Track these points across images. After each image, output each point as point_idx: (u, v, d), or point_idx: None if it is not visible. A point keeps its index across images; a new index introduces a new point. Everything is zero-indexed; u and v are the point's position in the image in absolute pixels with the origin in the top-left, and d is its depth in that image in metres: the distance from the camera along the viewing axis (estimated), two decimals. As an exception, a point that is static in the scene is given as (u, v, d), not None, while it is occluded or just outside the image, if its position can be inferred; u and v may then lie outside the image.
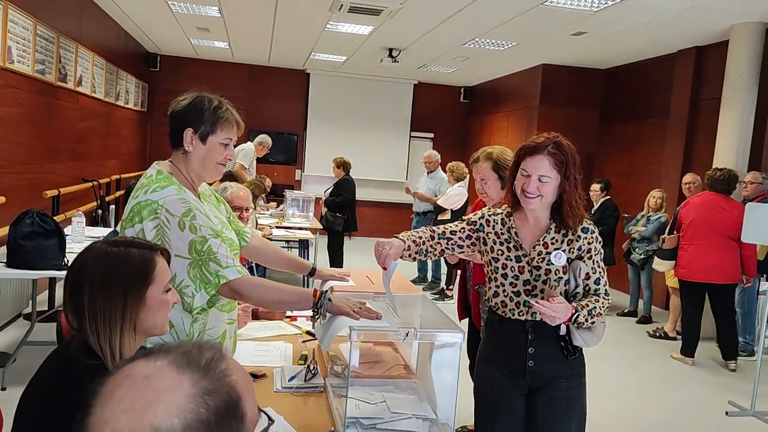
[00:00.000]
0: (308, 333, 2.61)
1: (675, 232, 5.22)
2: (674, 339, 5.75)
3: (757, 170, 5.53)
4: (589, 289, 2.03)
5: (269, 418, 0.87)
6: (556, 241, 2.03)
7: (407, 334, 1.67)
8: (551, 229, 2.04)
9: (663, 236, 5.46)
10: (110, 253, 1.39)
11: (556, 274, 2.00)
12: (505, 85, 10.07)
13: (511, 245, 2.05)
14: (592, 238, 2.03)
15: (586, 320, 1.94)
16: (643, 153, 7.78)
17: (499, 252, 2.06)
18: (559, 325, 1.94)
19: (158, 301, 1.41)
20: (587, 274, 2.01)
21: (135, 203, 1.76)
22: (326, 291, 1.83)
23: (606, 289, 2.05)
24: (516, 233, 2.05)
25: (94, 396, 0.70)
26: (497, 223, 2.10)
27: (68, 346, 1.39)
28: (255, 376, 2.08)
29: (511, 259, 2.04)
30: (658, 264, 5.58)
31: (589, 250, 2.02)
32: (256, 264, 3.41)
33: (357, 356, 1.84)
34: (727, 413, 4.11)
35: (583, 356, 2.12)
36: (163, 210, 1.72)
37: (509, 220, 2.09)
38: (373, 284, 2.44)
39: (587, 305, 1.95)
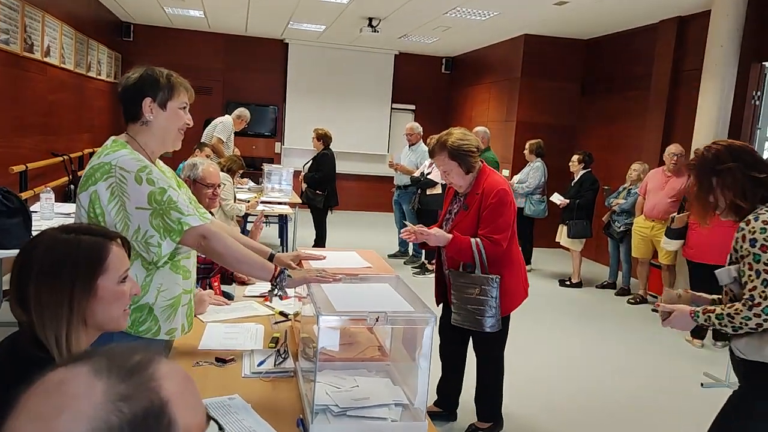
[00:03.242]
0: (281, 314, 2.55)
1: (686, 210, 5.02)
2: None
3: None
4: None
5: (219, 426, 0.82)
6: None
7: (377, 319, 1.60)
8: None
9: (673, 215, 5.25)
10: (59, 240, 1.32)
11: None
12: (487, 56, 9.94)
13: None
14: (739, 236, 1.97)
15: (710, 323, 1.94)
16: (624, 125, 7.75)
17: None
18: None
19: (112, 292, 1.33)
20: (734, 277, 1.96)
21: (88, 168, 1.82)
22: (284, 269, 1.90)
23: (756, 295, 1.87)
24: None
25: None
26: None
27: (17, 337, 1.32)
28: (223, 360, 2.01)
29: None
30: (667, 243, 5.34)
31: (738, 250, 1.97)
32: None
33: (327, 339, 1.79)
34: (702, 385, 4.15)
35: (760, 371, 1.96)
36: (117, 168, 1.75)
37: None
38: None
39: (714, 310, 1.94)
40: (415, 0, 6.96)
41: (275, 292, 1.89)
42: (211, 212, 3.22)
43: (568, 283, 6.76)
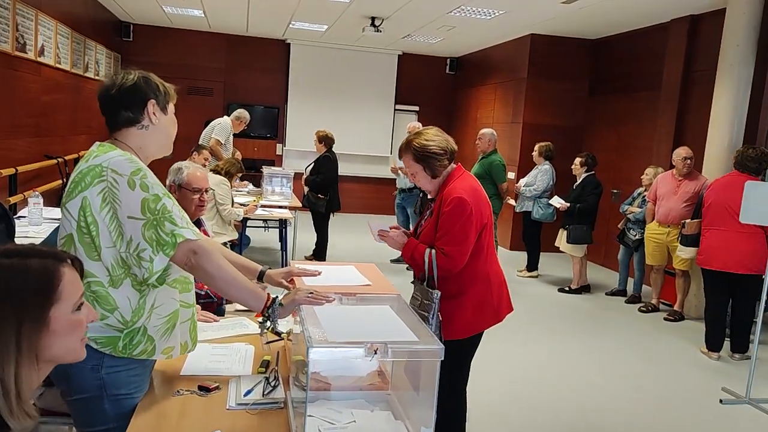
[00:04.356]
0: (274, 332, 2.35)
1: (699, 216, 4.83)
2: (682, 319, 5.70)
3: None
4: None
5: None
6: None
7: (376, 351, 1.41)
8: None
9: (685, 220, 5.06)
10: (2, 267, 1.12)
11: None
12: (492, 57, 9.74)
13: None
14: None
15: None
16: (634, 127, 7.54)
17: None
18: None
19: (67, 322, 1.15)
20: None
21: (76, 174, 1.68)
22: (277, 297, 1.73)
23: None
24: None
25: None
26: None
27: None
28: (206, 389, 1.82)
29: None
30: (681, 251, 5.17)
31: None
32: None
33: (318, 368, 1.61)
34: (721, 401, 3.94)
35: None
36: (108, 171, 1.63)
37: None
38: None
39: None
40: (419, -2, 6.78)
41: (267, 324, 1.72)
42: (199, 219, 3.04)
43: (567, 289, 6.56)
